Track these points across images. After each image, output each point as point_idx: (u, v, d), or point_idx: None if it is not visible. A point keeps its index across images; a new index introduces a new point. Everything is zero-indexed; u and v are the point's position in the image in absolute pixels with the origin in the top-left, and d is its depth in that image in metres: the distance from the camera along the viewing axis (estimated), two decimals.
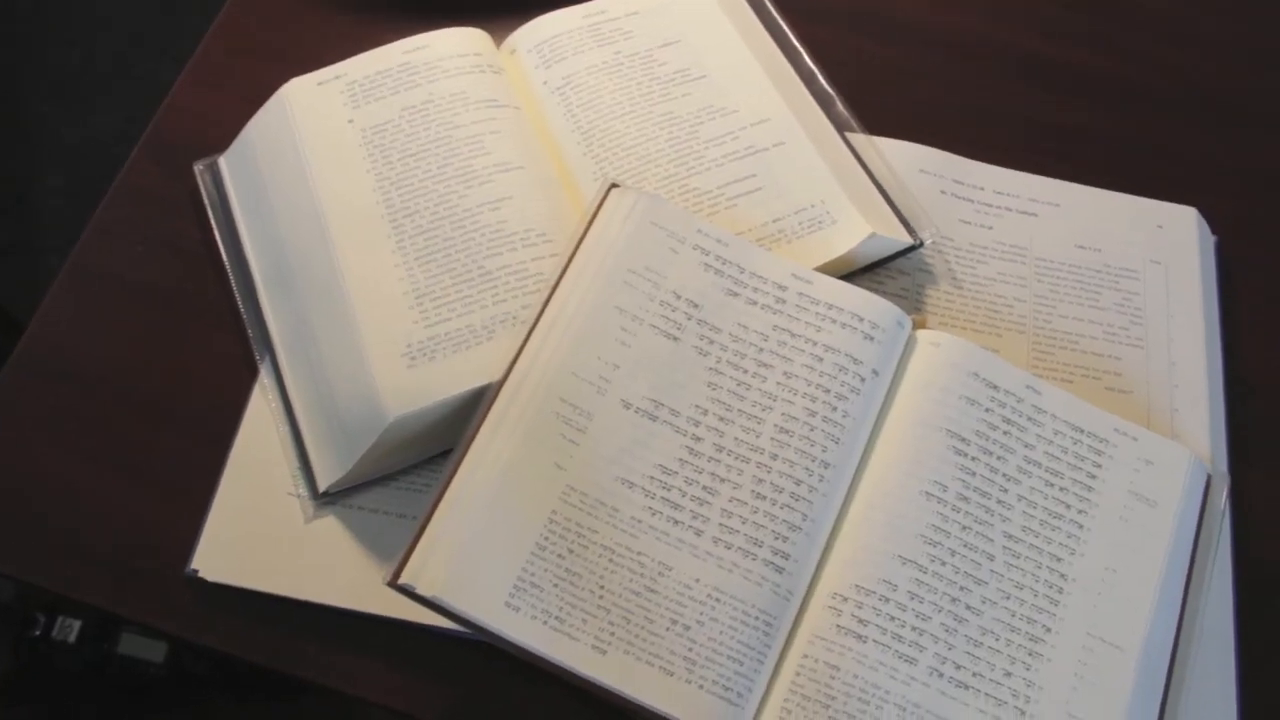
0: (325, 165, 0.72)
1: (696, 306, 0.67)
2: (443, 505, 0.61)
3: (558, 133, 0.76)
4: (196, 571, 0.65)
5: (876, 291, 0.73)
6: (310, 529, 0.67)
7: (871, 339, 0.67)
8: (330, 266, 0.69)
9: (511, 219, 0.70)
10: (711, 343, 0.66)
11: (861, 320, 0.67)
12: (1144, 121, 0.88)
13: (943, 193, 0.79)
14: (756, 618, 0.61)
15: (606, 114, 0.76)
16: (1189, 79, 0.90)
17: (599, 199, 0.69)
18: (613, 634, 0.60)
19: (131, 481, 0.69)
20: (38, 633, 1.12)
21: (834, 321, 0.67)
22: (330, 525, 0.67)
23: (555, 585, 0.61)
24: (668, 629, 0.61)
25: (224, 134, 0.77)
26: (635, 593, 0.61)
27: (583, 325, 0.65)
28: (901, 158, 0.79)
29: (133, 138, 0.80)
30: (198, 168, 0.77)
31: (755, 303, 0.67)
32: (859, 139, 0.78)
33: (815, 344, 0.66)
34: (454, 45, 0.77)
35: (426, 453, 0.69)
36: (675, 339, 0.66)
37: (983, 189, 0.80)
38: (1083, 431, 0.68)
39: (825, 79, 0.81)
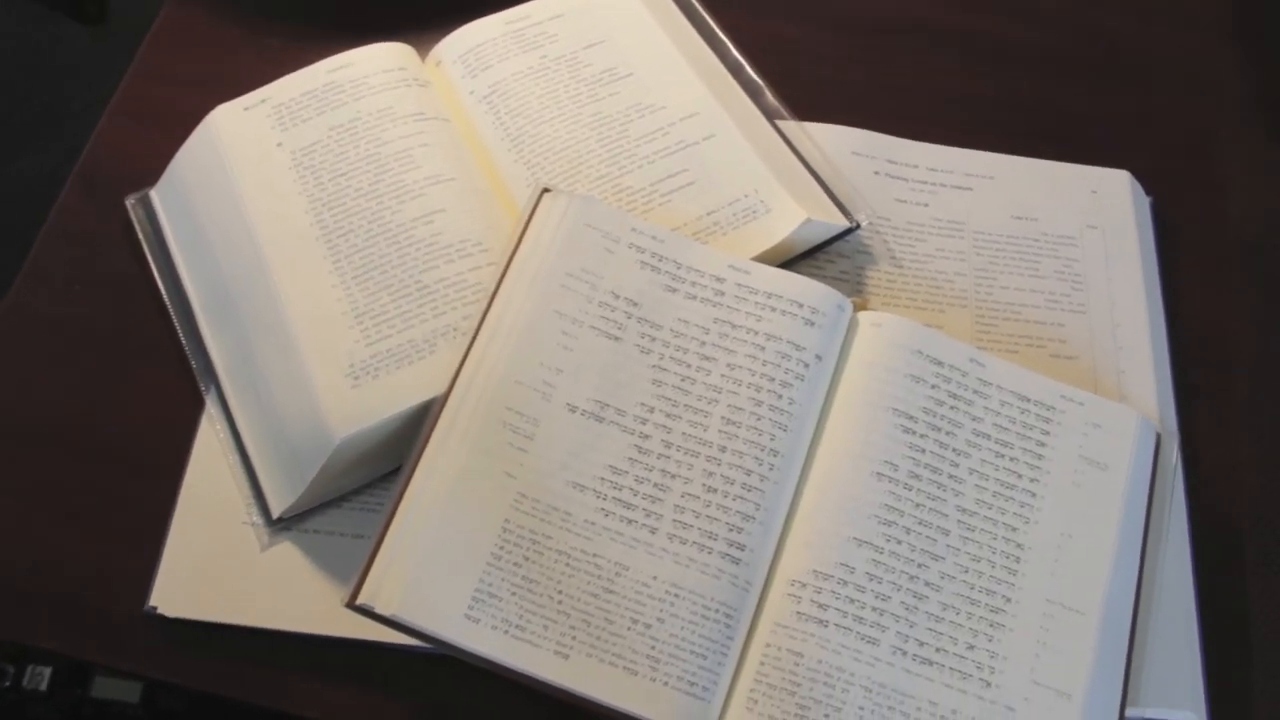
0: (256, 190, 0.72)
1: (636, 305, 0.67)
2: (395, 522, 0.61)
3: (488, 141, 0.75)
4: (155, 608, 0.65)
5: (816, 276, 0.73)
6: (267, 556, 0.67)
7: (812, 324, 0.67)
8: (268, 292, 0.69)
9: (446, 231, 0.70)
10: (653, 340, 0.66)
11: (801, 306, 0.67)
12: (1071, 88, 0.89)
13: (876, 173, 0.80)
14: (716, 610, 0.61)
15: (535, 119, 0.76)
16: (1111, 43, 0.91)
17: (531, 205, 0.69)
18: (574, 638, 0.60)
19: (83, 524, 0.69)
20: (8, 684, 1.10)
21: (774, 310, 0.67)
22: (287, 551, 0.67)
23: (513, 594, 0.61)
24: (629, 628, 0.61)
25: (154, 166, 0.77)
26: (594, 595, 0.61)
27: (523, 332, 0.65)
28: (833, 142, 0.79)
29: (62, 178, 0.79)
30: (129, 202, 0.77)
31: (694, 297, 0.67)
32: (789, 126, 0.78)
33: (757, 333, 0.67)
34: (378, 61, 0.77)
35: (378, 471, 0.68)
36: (617, 339, 0.66)
37: (916, 167, 0.80)
38: (1029, 400, 0.68)
39: (753, 68, 0.81)
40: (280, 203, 0.71)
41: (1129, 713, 0.64)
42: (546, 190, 0.70)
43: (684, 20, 0.83)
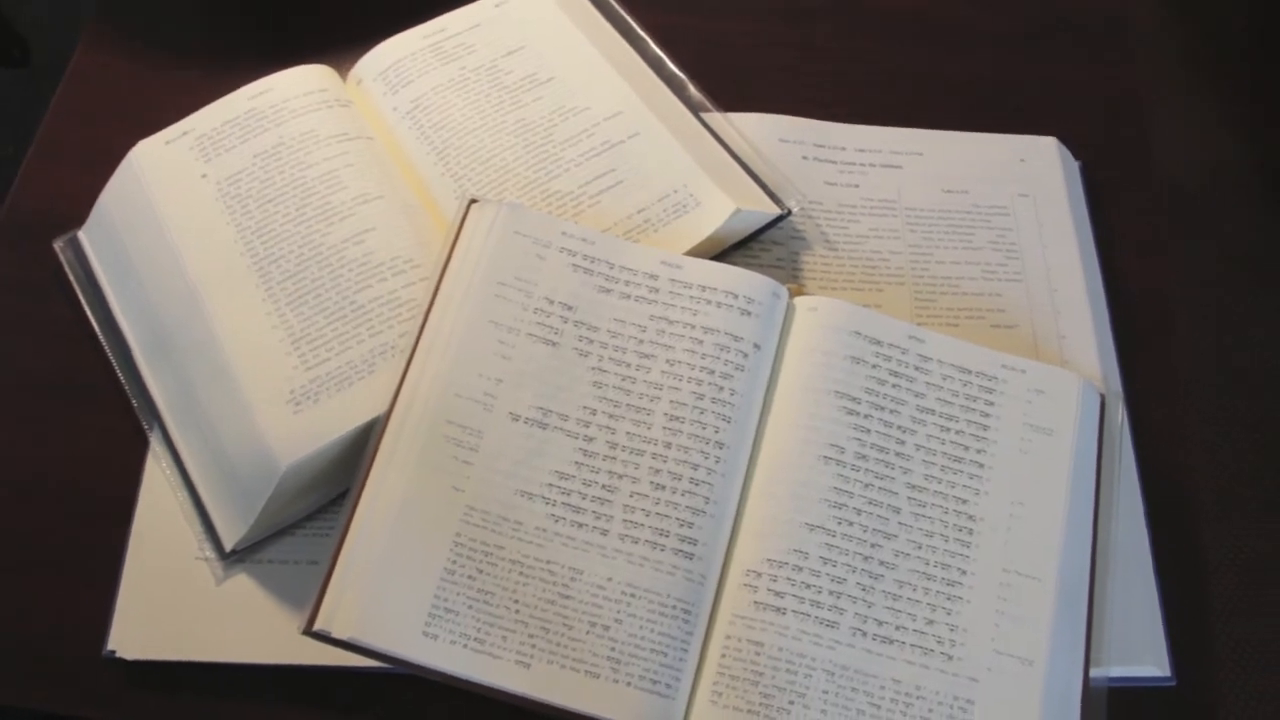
0: (183, 224, 0.71)
1: (571, 309, 0.67)
2: (346, 545, 0.61)
3: (413, 156, 0.75)
4: (114, 652, 0.64)
5: (752, 265, 0.73)
6: (224, 590, 0.66)
7: (749, 314, 0.67)
8: (203, 325, 0.68)
9: (377, 250, 0.69)
10: (591, 342, 0.66)
11: (736, 297, 0.67)
12: (992, 59, 0.89)
13: (805, 158, 0.80)
14: (674, 607, 0.61)
15: (459, 131, 0.75)
16: (1033, 11, 0.91)
17: (460, 216, 0.69)
18: (534, 646, 0.60)
19: (36, 572, 0.68)
20: None
21: (709, 302, 0.67)
22: (243, 583, 0.67)
23: (470, 607, 0.61)
24: (587, 632, 0.61)
25: (81, 207, 0.76)
26: (550, 601, 0.61)
27: (460, 345, 0.65)
28: (759, 130, 0.79)
29: None
30: (58, 245, 0.76)
31: (629, 296, 0.67)
32: (715, 118, 0.79)
33: (694, 327, 0.67)
34: (298, 85, 0.76)
35: (328, 495, 0.68)
36: (554, 344, 0.66)
37: (844, 149, 0.81)
38: (971, 372, 0.68)
39: (674, 63, 0.81)
40: (209, 234, 0.71)
41: (1093, 672, 0.65)
42: (474, 201, 0.70)
43: (602, 20, 0.83)
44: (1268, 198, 2.01)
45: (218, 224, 0.71)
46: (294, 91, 0.76)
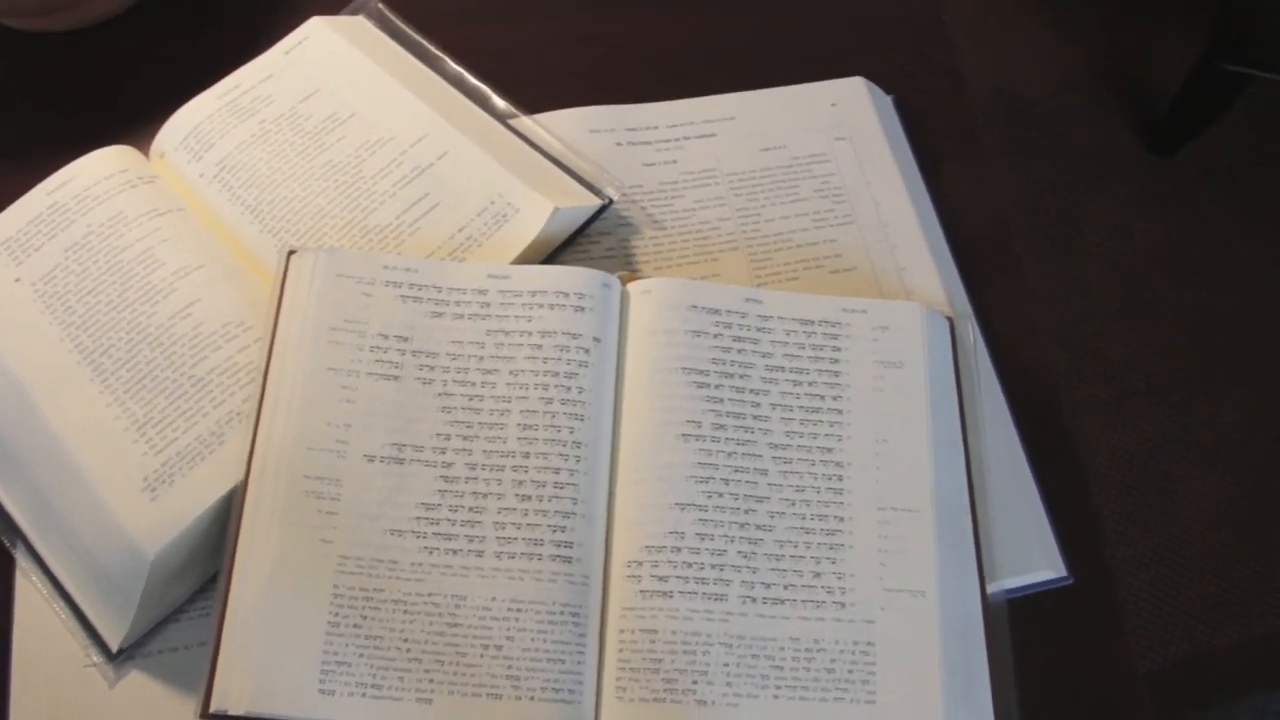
0: (4, 331, 0.70)
1: (406, 340, 0.66)
2: (228, 620, 0.60)
3: (228, 219, 0.74)
4: None
5: (584, 260, 0.73)
6: (119, 692, 0.65)
7: (583, 309, 0.67)
8: (43, 430, 0.67)
9: (206, 320, 0.69)
10: (432, 369, 0.66)
11: (568, 295, 0.67)
12: (787, 10, 0.90)
13: (619, 144, 0.80)
14: (561, 613, 0.61)
15: (269, 185, 0.75)
16: None
17: (281, 269, 0.68)
18: (432, 680, 0.60)
19: None
20: None
21: (542, 306, 0.67)
22: (138, 680, 0.65)
23: (361, 655, 0.60)
24: (481, 655, 0.60)
25: None
26: (439, 633, 0.61)
27: (303, 398, 0.64)
28: (569, 126, 0.79)
29: None
30: None
31: (462, 316, 0.67)
32: (523, 123, 0.78)
33: (530, 334, 0.66)
34: (99, 169, 0.75)
35: (206, 574, 0.67)
36: (396, 379, 0.65)
37: (656, 127, 0.81)
38: (813, 323, 0.69)
39: (474, 76, 0.81)
40: (32, 337, 0.69)
41: (990, 588, 0.66)
42: (292, 252, 0.69)
43: (396, 46, 0.82)
44: (1101, 101, 2.06)
45: (40, 325, 0.70)
46: (95, 177, 0.74)
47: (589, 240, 0.76)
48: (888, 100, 0.84)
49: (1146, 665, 1.59)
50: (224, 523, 0.64)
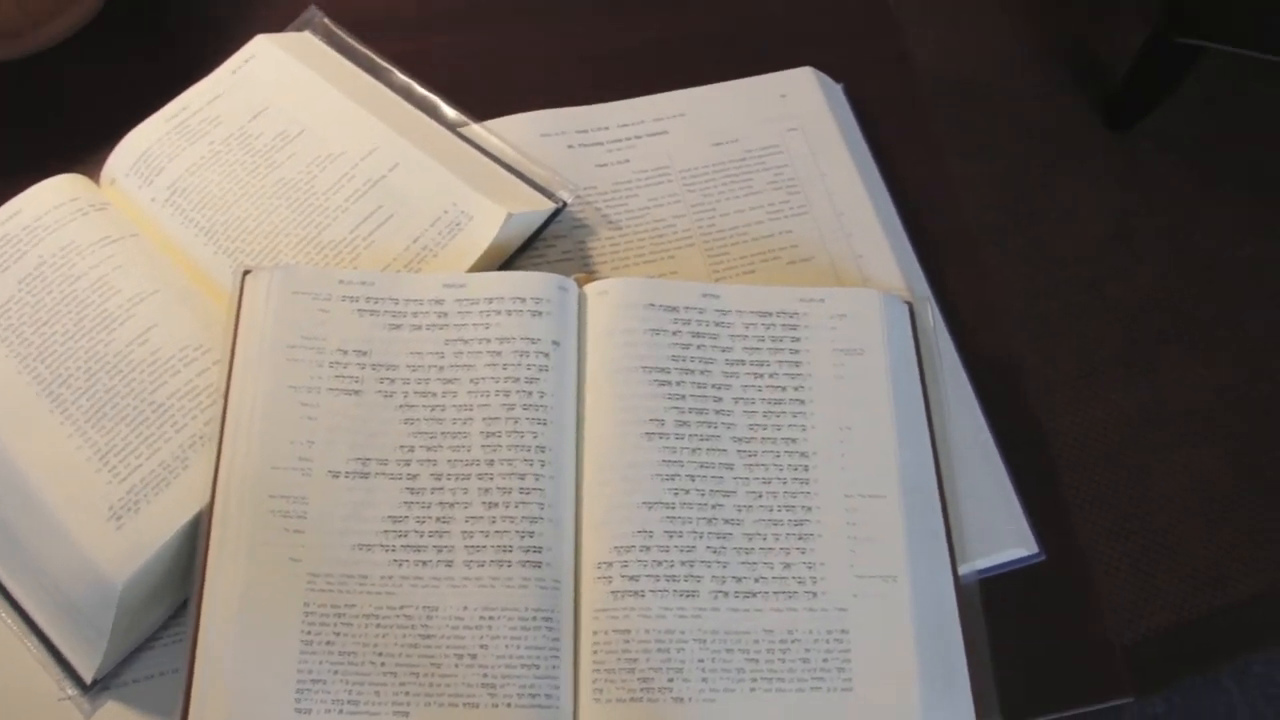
0: None
1: (365, 354, 0.66)
2: (200, 644, 0.60)
3: (181, 243, 0.74)
4: None
5: (541, 264, 0.73)
6: None
7: (540, 314, 0.67)
8: (6, 464, 0.66)
9: (164, 345, 0.68)
10: (393, 381, 0.66)
11: (524, 300, 0.67)
12: (726, 4, 0.90)
13: (570, 147, 0.80)
14: (534, 618, 0.61)
15: (221, 206, 0.74)
16: None
17: (237, 290, 0.68)
18: (408, 693, 0.60)
19: None
20: None
21: (499, 312, 0.67)
22: (114, 711, 0.65)
23: (335, 672, 0.60)
24: (456, 665, 0.60)
25: None
26: (413, 645, 0.61)
27: (264, 417, 0.64)
28: (519, 131, 0.79)
29: None
30: None
31: (420, 326, 0.67)
32: (473, 130, 0.78)
33: (489, 341, 0.66)
34: (48, 199, 0.74)
35: (178, 600, 0.67)
36: (357, 393, 0.65)
37: (607, 128, 0.81)
38: (771, 314, 0.69)
39: (422, 86, 0.80)
40: None
41: (962, 569, 0.66)
42: (247, 272, 0.69)
43: (343, 60, 0.82)
44: (1055, 80, 2.07)
45: None
46: (45, 207, 0.74)
47: (545, 244, 0.76)
48: (838, 89, 0.85)
49: (1130, 635, 1.61)
50: (192, 547, 0.63)
